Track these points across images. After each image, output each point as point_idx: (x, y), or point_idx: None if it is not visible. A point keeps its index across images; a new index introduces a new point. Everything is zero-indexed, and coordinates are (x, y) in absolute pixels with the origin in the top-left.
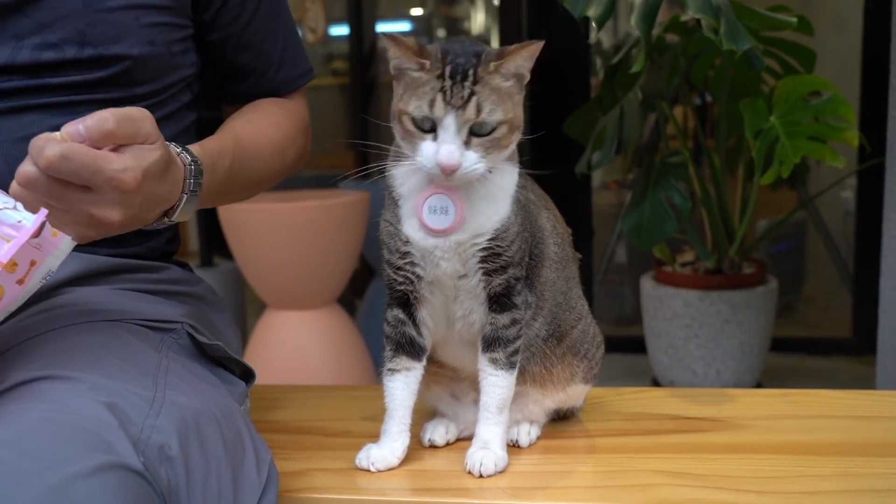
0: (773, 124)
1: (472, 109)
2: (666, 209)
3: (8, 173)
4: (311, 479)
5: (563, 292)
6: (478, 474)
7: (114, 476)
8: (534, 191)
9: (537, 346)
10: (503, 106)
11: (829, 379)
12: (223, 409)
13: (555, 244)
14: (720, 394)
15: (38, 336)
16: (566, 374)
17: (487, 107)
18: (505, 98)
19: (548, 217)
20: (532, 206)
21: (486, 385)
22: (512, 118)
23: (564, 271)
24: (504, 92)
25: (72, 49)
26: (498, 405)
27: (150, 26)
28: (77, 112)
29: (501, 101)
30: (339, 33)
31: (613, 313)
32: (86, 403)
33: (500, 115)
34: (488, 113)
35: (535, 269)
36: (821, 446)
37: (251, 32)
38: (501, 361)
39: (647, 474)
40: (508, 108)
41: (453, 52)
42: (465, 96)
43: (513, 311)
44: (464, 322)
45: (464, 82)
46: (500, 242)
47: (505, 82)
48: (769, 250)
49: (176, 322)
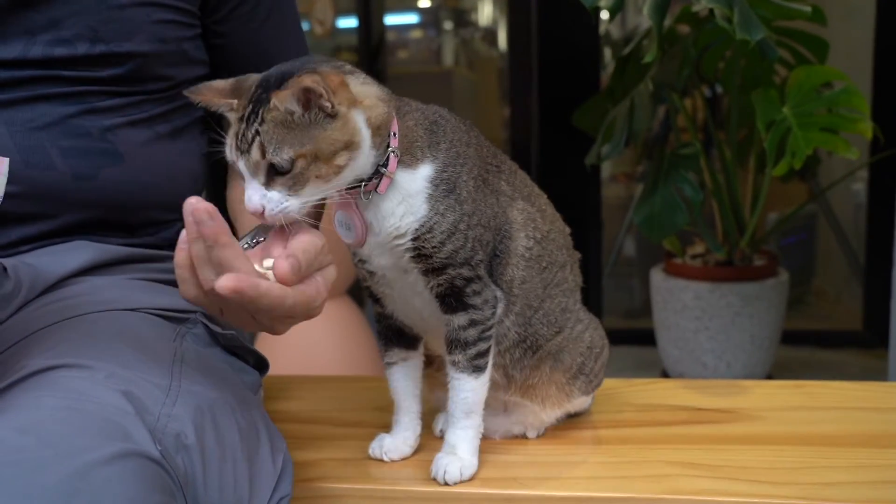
0: (785, 115)
1: (256, 152)
2: (677, 201)
3: (21, 162)
4: (325, 469)
5: (539, 296)
6: (442, 481)
7: (132, 464)
8: (511, 180)
9: (505, 346)
10: (292, 141)
11: (840, 372)
12: (238, 398)
13: (527, 237)
14: (732, 385)
15: (54, 325)
16: (561, 395)
17: (271, 147)
18: (297, 131)
19: (522, 209)
20: (502, 198)
21: (451, 389)
22: (308, 150)
23: (543, 273)
24: (295, 124)
25: (83, 45)
26: (464, 409)
27: (162, 23)
28: (90, 102)
29: (290, 136)
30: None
31: (623, 305)
32: (103, 392)
33: (287, 152)
34: (273, 153)
35: (499, 266)
36: (834, 438)
37: (259, 40)
38: (462, 364)
39: (660, 465)
40: (302, 141)
41: (265, 85)
42: (250, 139)
43: (469, 311)
44: (432, 318)
45: (252, 123)
46: (425, 243)
47: (292, 115)
48: (780, 243)
49: (191, 311)
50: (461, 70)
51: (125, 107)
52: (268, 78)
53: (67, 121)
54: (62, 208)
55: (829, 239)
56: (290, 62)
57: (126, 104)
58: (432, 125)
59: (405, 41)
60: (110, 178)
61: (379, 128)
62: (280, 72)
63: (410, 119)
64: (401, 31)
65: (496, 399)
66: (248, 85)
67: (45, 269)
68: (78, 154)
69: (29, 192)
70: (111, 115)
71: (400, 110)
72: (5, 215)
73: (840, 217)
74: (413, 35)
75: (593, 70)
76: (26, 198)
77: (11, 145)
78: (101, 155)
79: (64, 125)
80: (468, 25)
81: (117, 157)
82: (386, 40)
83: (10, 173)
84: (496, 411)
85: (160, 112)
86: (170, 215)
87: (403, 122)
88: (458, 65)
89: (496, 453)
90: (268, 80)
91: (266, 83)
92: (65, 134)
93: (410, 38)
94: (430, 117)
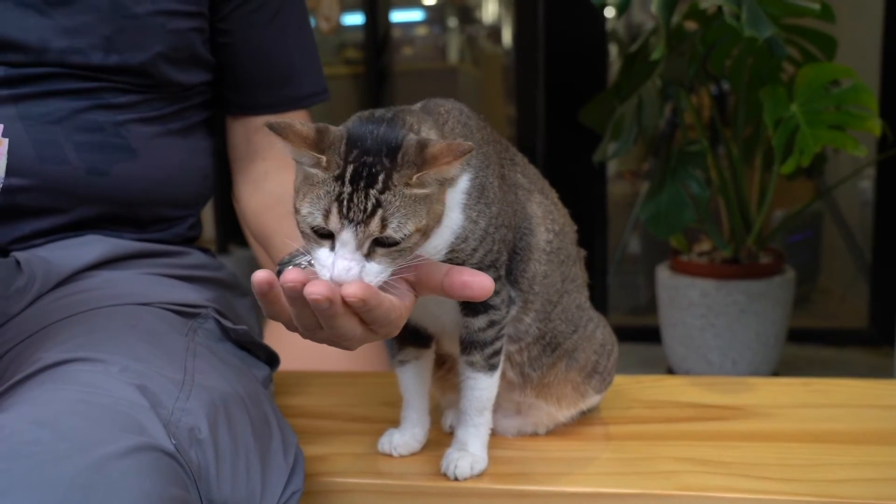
0: (793, 113)
1: (377, 225)
2: (684, 198)
3: (36, 157)
4: (334, 464)
5: (559, 291)
6: (452, 477)
7: (147, 457)
8: (525, 172)
9: (525, 343)
10: (416, 216)
11: (846, 370)
12: (250, 393)
13: (547, 231)
14: (740, 382)
15: (68, 318)
16: (577, 394)
17: (395, 221)
18: (419, 205)
19: (540, 202)
20: (520, 192)
21: (465, 388)
22: (426, 224)
23: (561, 267)
24: (419, 199)
25: (97, 55)
26: (477, 408)
27: (176, 31)
28: (105, 98)
29: (415, 211)
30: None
31: (628, 303)
32: (117, 385)
33: (410, 227)
34: (395, 229)
35: (521, 263)
36: (843, 434)
37: (265, 40)
38: (479, 364)
39: (669, 461)
40: (423, 215)
41: (362, 145)
42: (369, 209)
43: (489, 312)
44: (450, 321)
45: (368, 189)
46: (459, 254)
47: (423, 190)
48: (786, 241)
49: (202, 307)
50: (466, 67)
51: (138, 103)
52: (360, 139)
53: (80, 115)
54: (75, 203)
55: (835, 237)
56: (368, 119)
57: (138, 101)
58: (464, 128)
59: (410, 38)
60: (123, 174)
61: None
62: (373, 133)
63: (448, 128)
64: (406, 28)
65: (509, 401)
66: (331, 139)
67: (58, 262)
68: (91, 149)
69: (42, 186)
70: (124, 110)
71: (438, 122)
72: (19, 209)
73: (846, 215)
74: (418, 32)
75: (600, 67)
76: (40, 192)
77: (27, 139)
78: (114, 150)
79: (77, 119)
80: (473, 22)
81: (130, 153)
82: (391, 37)
83: (24, 167)
84: (508, 412)
85: (172, 110)
86: (180, 212)
87: (445, 135)
88: (464, 62)
89: (506, 449)
90: (361, 140)
91: (362, 145)
92: (78, 129)
93: (416, 35)
94: (461, 120)
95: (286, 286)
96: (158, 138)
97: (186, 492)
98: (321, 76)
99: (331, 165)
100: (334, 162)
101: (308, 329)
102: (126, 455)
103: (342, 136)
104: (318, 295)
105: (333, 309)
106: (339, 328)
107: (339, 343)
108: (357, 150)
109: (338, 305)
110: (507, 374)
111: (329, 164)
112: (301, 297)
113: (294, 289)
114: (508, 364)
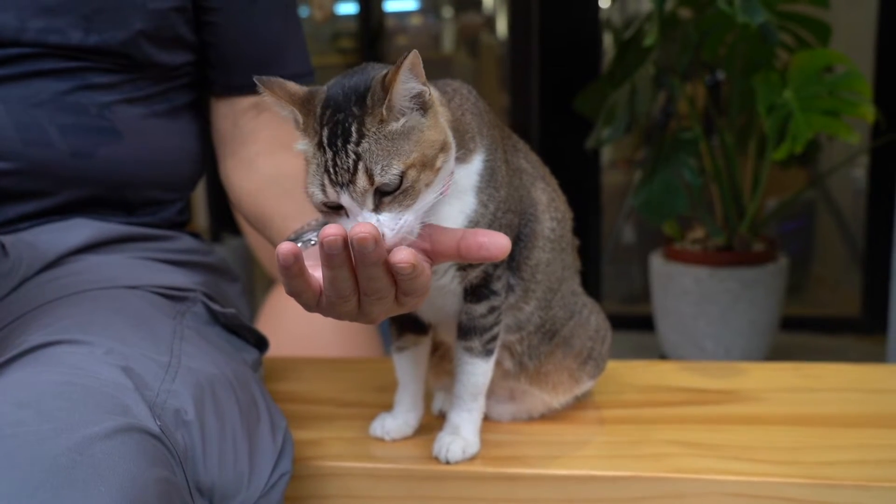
0: (786, 99)
1: (363, 179)
2: (677, 185)
3: (19, 140)
4: (326, 448)
5: (559, 278)
6: (444, 460)
7: (132, 438)
8: (528, 158)
9: (527, 332)
10: (400, 153)
11: (839, 357)
12: (238, 375)
13: (551, 219)
14: (732, 367)
15: (54, 301)
16: (572, 381)
17: (378, 167)
18: (401, 141)
19: (543, 189)
20: (525, 178)
21: (461, 373)
22: (416, 158)
23: (562, 254)
24: (399, 134)
25: (77, 34)
26: (472, 393)
27: (157, 11)
28: (88, 79)
29: (397, 149)
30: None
31: (622, 291)
32: (102, 367)
33: (398, 165)
34: (381, 173)
35: (524, 250)
36: (834, 418)
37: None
38: (477, 350)
39: (660, 444)
40: (410, 149)
41: (334, 103)
42: (350, 167)
43: (491, 298)
44: (451, 309)
45: (346, 146)
46: None
47: (398, 122)
48: (779, 228)
49: (190, 290)
50: (461, 56)
51: (121, 83)
52: (333, 97)
53: (63, 97)
54: (61, 186)
55: (828, 225)
56: (343, 76)
57: (122, 81)
58: (473, 106)
59: (405, 27)
60: (109, 156)
61: (453, 122)
62: (343, 86)
63: (455, 104)
64: (400, 18)
65: (503, 387)
66: (315, 102)
67: (44, 246)
68: (76, 131)
69: (27, 170)
70: (107, 91)
71: (445, 97)
72: (3, 192)
73: (840, 203)
74: (412, 21)
75: (594, 55)
76: (24, 175)
77: (9, 122)
78: (99, 132)
79: (60, 101)
80: (468, 11)
81: (115, 135)
82: (385, 26)
83: (8, 150)
84: (501, 398)
85: (157, 91)
86: (169, 195)
87: (452, 110)
88: (458, 51)
89: (498, 433)
90: (334, 98)
91: (334, 102)
92: (62, 111)
93: (410, 24)
94: (470, 98)
95: (327, 239)
96: (144, 120)
97: (172, 473)
98: (307, 57)
99: (309, 132)
100: (312, 128)
101: (341, 295)
102: (110, 436)
103: (321, 100)
104: (365, 233)
105: (378, 251)
106: (376, 281)
107: (363, 315)
108: (330, 110)
109: (382, 249)
110: (505, 363)
111: (308, 130)
112: (341, 253)
113: (335, 242)
114: (507, 354)
